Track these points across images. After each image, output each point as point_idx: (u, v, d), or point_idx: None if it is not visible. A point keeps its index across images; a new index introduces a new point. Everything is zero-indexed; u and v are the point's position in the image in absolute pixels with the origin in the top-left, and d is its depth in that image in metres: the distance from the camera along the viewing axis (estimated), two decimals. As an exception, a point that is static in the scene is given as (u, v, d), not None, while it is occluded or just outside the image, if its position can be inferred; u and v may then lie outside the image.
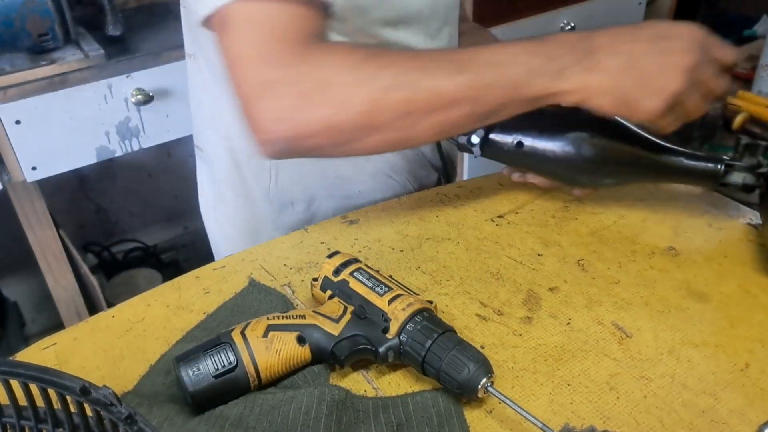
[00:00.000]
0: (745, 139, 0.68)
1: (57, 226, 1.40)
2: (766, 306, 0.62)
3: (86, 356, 0.59)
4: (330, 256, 0.61)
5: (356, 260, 0.60)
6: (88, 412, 0.44)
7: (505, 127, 0.70)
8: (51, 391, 0.43)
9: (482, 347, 0.58)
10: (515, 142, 0.69)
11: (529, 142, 0.69)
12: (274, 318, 0.54)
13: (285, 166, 0.81)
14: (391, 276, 0.59)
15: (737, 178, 0.67)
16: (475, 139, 0.68)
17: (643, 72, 0.56)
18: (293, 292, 0.66)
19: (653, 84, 0.56)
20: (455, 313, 0.62)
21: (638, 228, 0.73)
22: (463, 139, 0.69)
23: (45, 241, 1.38)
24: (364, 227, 0.75)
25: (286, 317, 0.55)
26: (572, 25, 1.78)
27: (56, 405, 0.45)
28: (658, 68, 0.56)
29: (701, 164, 0.67)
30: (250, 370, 0.52)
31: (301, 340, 0.53)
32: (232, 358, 0.51)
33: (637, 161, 0.68)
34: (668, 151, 0.67)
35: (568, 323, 0.61)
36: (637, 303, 0.63)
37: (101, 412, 0.42)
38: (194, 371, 0.51)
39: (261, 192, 0.84)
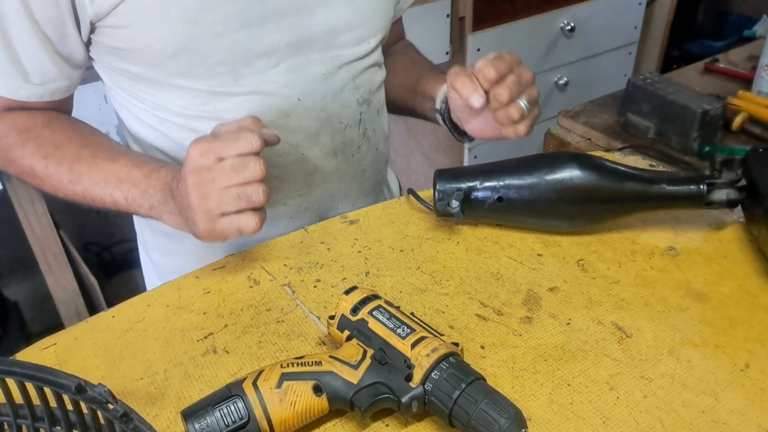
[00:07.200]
0: (719, 156, 0.68)
1: (57, 226, 1.40)
2: (766, 306, 0.62)
3: (86, 356, 0.59)
4: (347, 292, 0.56)
5: (375, 296, 0.56)
6: (85, 410, 0.44)
7: (483, 186, 0.70)
8: (47, 390, 0.43)
9: (482, 347, 0.58)
10: (495, 198, 0.69)
11: (508, 196, 0.69)
12: (288, 365, 0.51)
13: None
14: (412, 313, 0.55)
15: (720, 195, 0.67)
16: (455, 203, 0.68)
17: (184, 208, 0.65)
18: (293, 292, 0.66)
19: (191, 215, 0.64)
20: (455, 313, 0.62)
21: (638, 228, 0.73)
22: (442, 206, 0.70)
23: (45, 241, 1.38)
24: (364, 227, 0.75)
25: (301, 364, 0.51)
26: (572, 25, 1.77)
27: (53, 403, 0.45)
28: (185, 203, 0.64)
29: (684, 188, 0.67)
30: (263, 425, 0.48)
31: (317, 390, 0.50)
32: (243, 412, 0.48)
33: (621, 197, 0.68)
34: (649, 180, 0.67)
35: (568, 323, 0.60)
36: (637, 303, 0.63)
37: (97, 410, 0.42)
38: (202, 427, 0.47)
39: None
